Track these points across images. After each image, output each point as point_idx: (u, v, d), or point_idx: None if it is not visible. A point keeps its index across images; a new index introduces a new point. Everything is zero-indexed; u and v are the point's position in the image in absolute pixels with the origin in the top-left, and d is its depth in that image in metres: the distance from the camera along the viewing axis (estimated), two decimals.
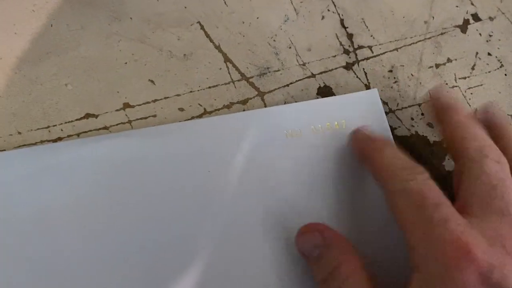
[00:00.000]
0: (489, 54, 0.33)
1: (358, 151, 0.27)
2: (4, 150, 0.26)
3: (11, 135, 0.26)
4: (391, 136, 0.29)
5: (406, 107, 0.31)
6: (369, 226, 0.26)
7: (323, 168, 0.27)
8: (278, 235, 0.26)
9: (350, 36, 0.32)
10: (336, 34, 0.32)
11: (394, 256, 0.24)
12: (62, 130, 0.27)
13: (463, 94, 0.32)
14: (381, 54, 0.32)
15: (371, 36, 0.32)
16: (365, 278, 0.21)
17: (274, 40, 0.31)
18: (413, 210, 0.20)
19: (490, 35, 0.34)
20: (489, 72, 0.33)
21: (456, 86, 0.32)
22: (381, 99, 0.30)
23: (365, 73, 0.31)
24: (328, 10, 0.32)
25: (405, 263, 0.21)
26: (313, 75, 0.31)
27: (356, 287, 0.21)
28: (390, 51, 0.32)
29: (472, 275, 0.18)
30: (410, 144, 0.30)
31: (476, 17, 0.34)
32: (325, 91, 0.30)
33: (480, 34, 0.34)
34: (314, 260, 0.23)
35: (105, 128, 0.27)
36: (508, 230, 0.20)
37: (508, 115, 0.32)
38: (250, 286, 0.25)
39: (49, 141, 0.26)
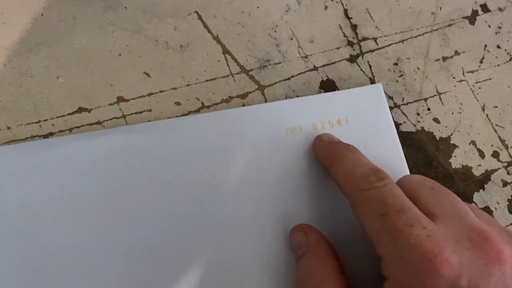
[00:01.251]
0: (498, 46, 0.32)
1: (320, 160, 0.26)
2: None
3: (0, 130, 0.25)
4: (395, 132, 0.28)
5: (411, 102, 0.30)
6: None
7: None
8: (277, 232, 0.25)
9: (354, 27, 0.31)
10: (339, 25, 0.31)
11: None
12: (53, 125, 0.26)
13: (471, 89, 0.31)
14: (386, 46, 0.31)
15: (376, 27, 0.31)
16: (339, 286, 0.21)
17: (275, 31, 0.30)
18: (377, 219, 0.20)
19: (500, 27, 0.33)
20: (498, 65, 0.32)
21: (463, 80, 0.31)
22: (385, 93, 0.29)
23: (370, 66, 0.30)
24: (332, 0, 0.31)
25: None
26: (315, 68, 0.29)
27: None
28: (396, 43, 0.31)
29: (441, 279, 0.17)
30: (415, 140, 0.29)
31: (485, 8, 0.33)
32: (328, 85, 0.29)
33: (489, 26, 0.33)
34: (297, 260, 0.23)
35: (98, 123, 0.26)
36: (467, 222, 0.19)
37: None
38: (247, 282, 0.24)
39: (40, 136, 0.25)
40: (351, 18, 0.31)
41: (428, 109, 0.30)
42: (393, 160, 0.27)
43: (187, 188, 0.25)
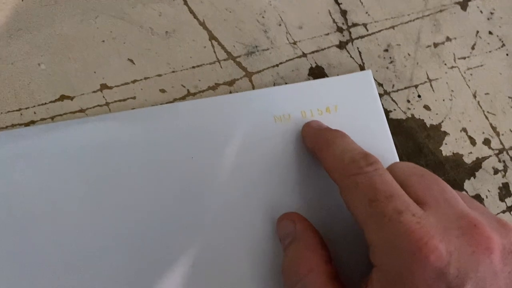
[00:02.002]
0: (490, 32, 0.32)
1: (309, 146, 0.25)
2: None
3: None
4: (385, 120, 0.27)
5: (402, 89, 0.29)
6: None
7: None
8: (265, 221, 0.25)
9: (344, 13, 0.30)
10: (329, 10, 0.30)
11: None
12: (35, 113, 0.25)
13: (462, 75, 0.30)
14: (377, 32, 0.30)
15: (366, 13, 0.30)
16: (325, 275, 0.21)
17: (263, 17, 0.29)
18: (366, 205, 0.19)
19: (492, 13, 0.32)
20: (490, 52, 0.31)
21: (455, 67, 0.30)
22: (375, 80, 0.29)
23: (360, 53, 0.30)
24: None
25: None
26: (304, 55, 0.29)
27: (313, 284, 0.20)
28: (386, 29, 0.30)
29: (429, 267, 0.17)
30: (405, 128, 0.28)
31: None
32: (317, 72, 0.29)
33: (481, 12, 0.32)
34: (284, 249, 0.23)
35: (81, 111, 0.25)
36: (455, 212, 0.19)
37: (509, 97, 0.30)
38: (235, 271, 0.24)
39: (20, 125, 0.25)
40: (341, 3, 0.30)
41: (419, 96, 0.29)
42: (382, 148, 0.27)
43: (172, 176, 0.24)
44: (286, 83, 0.28)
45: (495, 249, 0.18)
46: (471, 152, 0.29)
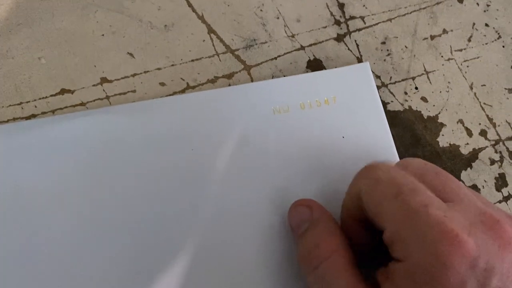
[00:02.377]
0: (486, 25, 0.32)
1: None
2: None
3: None
4: (383, 111, 0.27)
5: (399, 81, 0.29)
6: None
7: (312, 146, 0.26)
8: (266, 211, 0.25)
9: (341, 6, 0.30)
10: (326, 3, 0.30)
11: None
12: (35, 106, 0.25)
13: (459, 67, 0.30)
14: (374, 25, 0.30)
15: (364, 6, 0.31)
16: (345, 259, 0.20)
17: (261, 10, 0.29)
18: (391, 200, 0.19)
19: (488, 5, 0.32)
20: (486, 44, 0.31)
21: (451, 59, 0.31)
22: (373, 72, 0.29)
23: (357, 45, 0.30)
24: None
25: None
26: (302, 48, 0.29)
27: (334, 267, 0.20)
28: (383, 21, 0.31)
29: (462, 259, 0.17)
30: (403, 120, 0.29)
31: None
32: (315, 65, 0.29)
33: (477, 4, 0.32)
34: (300, 235, 0.22)
35: (82, 104, 0.26)
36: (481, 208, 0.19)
37: (505, 89, 0.31)
38: (237, 265, 0.24)
39: (22, 118, 0.25)
40: None
41: (416, 88, 0.30)
42: (380, 139, 0.27)
43: (172, 169, 0.24)
44: (284, 76, 0.28)
45: None
46: (467, 143, 0.29)
